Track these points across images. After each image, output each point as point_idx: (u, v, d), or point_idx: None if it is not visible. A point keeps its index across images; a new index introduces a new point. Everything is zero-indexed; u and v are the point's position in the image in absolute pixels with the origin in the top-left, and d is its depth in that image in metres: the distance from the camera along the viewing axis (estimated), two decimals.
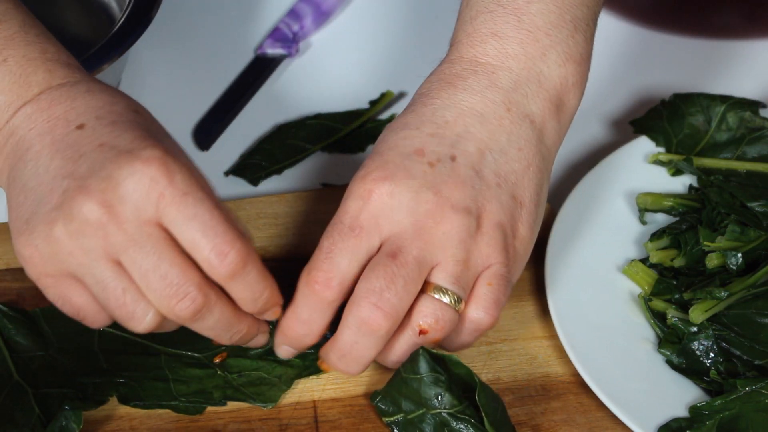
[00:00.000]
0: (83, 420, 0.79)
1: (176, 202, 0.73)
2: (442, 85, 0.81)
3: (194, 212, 0.73)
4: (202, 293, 0.74)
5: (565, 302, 0.87)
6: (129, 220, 0.73)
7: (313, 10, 1.11)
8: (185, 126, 1.04)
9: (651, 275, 0.89)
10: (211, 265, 0.74)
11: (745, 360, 0.84)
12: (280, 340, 0.81)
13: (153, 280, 0.73)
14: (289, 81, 1.08)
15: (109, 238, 0.73)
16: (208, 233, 0.73)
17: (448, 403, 0.79)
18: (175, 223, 0.73)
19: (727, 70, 1.08)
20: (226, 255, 0.74)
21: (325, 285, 0.77)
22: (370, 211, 0.77)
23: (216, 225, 0.74)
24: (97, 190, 0.73)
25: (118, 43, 0.97)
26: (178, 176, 0.73)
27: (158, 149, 0.74)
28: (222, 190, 0.98)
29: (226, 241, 0.74)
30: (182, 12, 1.13)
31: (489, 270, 0.78)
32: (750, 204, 0.91)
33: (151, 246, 0.73)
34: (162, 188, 0.73)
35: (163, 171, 0.73)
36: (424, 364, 0.79)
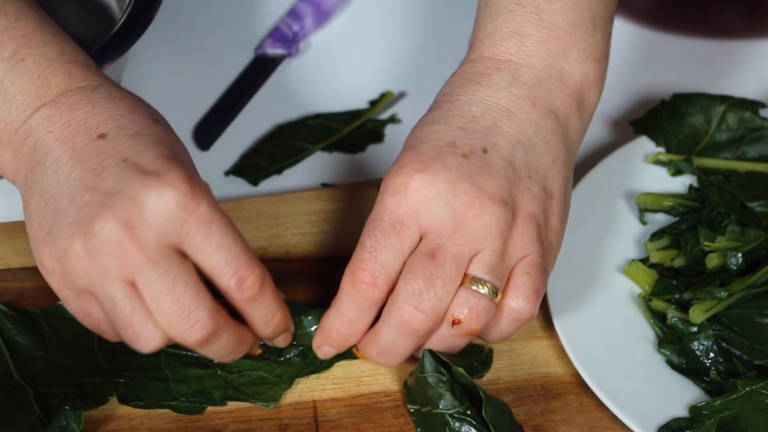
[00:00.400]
0: (83, 420, 0.79)
1: (202, 230, 0.74)
2: (465, 83, 0.82)
3: (219, 241, 0.74)
4: (213, 320, 0.74)
5: (565, 302, 0.87)
6: (150, 242, 0.73)
7: (313, 10, 1.11)
8: (185, 126, 1.04)
9: (651, 275, 0.89)
10: (232, 290, 0.75)
11: (745, 360, 0.84)
12: (322, 341, 0.81)
13: (165, 303, 0.73)
14: (289, 81, 1.08)
15: (127, 258, 0.73)
16: (232, 261, 0.75)
17: (449, 404, 0.79)
18: (199, 250, 0.74)
19: (727, 70, 1.08)
20: (246, 280, 0.75)
21: (372, 284, 0.77)
22: (409, 205, 0.77)
23: (239, 253, 0.75)
24: (121, 210, 0.72)
25: (118, 43, 0.97)
26: (204, 203, 0.74)
27: (184, 172, 0.74)
28: (222, 190, 0.98)
29: (247, 266, 0.75)
30: (182, 12, 1.13)
31: (525, 260, 0.78)
32: (750, 204, 0.91)
33: (167, 268, 0.73)
34: (188, 214, 0.73)
35: (190, 197, 0.73)
36: (429, 364, 0.79)
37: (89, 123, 0.76)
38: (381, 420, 0.82)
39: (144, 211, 0.72)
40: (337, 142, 1.02)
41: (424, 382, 0.80)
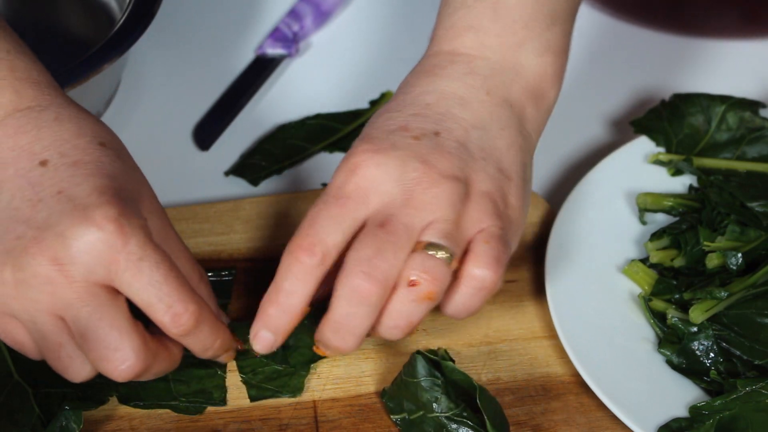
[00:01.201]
0: (83, 420, 0.79)
1: (131, 268, 0.73)
2: (421, 76, 0.82)
3: (150, 278, 0.73)
4: (139, 359, 0.74)
5: (565, 302, 0.87)
6: (78, 280, 0.73)
7: (313, 10, 1.11)
8: (185, 126, 1.04)
9: (651, 275, 0.89)
10: (166, 327, 0.75)
11: (745, 360, 0.84)
12: (259, 325, 0.77)
13: (90, 341, 0.73)
14: (289, 81, 1.08)
15: (55, 295, 0.73)
16: (164, 298, 0.74)
17: (444, 406, 0.79)
18: (130, 287, 0.74)
19: (727, 70, 1.08)
20: (181, 316, 0.74)
21: (308, 251, 0.75)
22: (357, 182, 0.76)
23: (171, 290, 0.74)
24: (49, 246, 0.72)
25: (118, 43, 0.97)
26: (133, 240, 0.73)
27: (114, 208, 0.73)
28: (222, 190, 0.99)
29: (181, 302, 0.74)
30: (182, 12, 1.13)
31: (484, 231, 0.77)
32: (750, 204, 0.91)
33: (94, 306, 0.73)
34: (115, 253, 0.73)
35: (118, 234, 0.73)
36: (422, 368, 0.79)
37: (33, 148, 0.75)
38: (381, 420, 0.82)
39: (71, 249, 0.72)
40: (337, 142, 1.02)
41: (417, 387, 0.79)
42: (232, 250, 0.92)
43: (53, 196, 0.74)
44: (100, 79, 0.96)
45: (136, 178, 0.78)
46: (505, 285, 0.90)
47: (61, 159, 0.75)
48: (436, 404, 0.79)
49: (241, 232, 0.93)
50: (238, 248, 0.92)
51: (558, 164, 1.00)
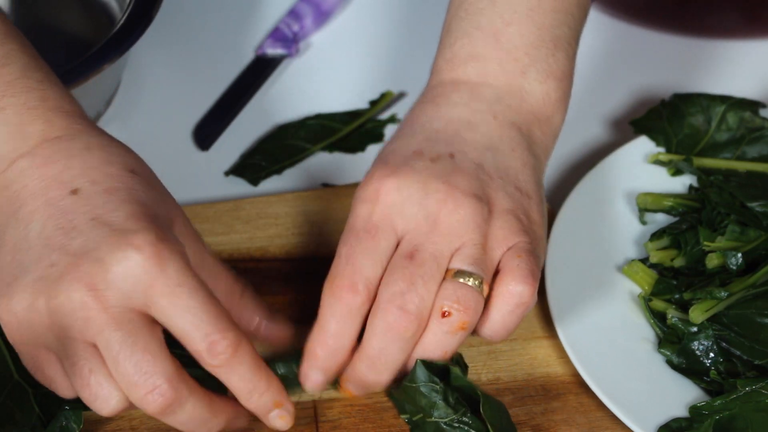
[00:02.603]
0: (83, 420, 0.79)
1: (167, 294, 0.71)
2: (425, 106, 0.82)
3: (187, 304, 0.71)
4: (172, 387, 0.71)
5: (565, 302, 0.87)
6: (114, 305, 0.71)
7: (313, 10, 1.11)
8: (185, 126, 1.04)
9: (651, 275, 0.89)
10: (203, 355, 0.72)
11: (745, 360, 0.84)
12: (309, 365, 0.77)
13: (123, 366, 0.71)
14: (289, 81, 1.08)
15: (89, 321, 0.71)
16: (201, 325, 0.72)
17: (443, 412, 0.79)
18: (166, 314, 0.72)
19: (727, 70, 1.08)
20: (217, 344, 0.72)
21: (352, 290, 0.75)
22: (382, 210, 0.77)
23: (209, 317, 0.72)
24: (87, 272, 0.71)
25: (118, 43, 0.97)
26: (171, 266, 0.71)
27: (152, 233, 0.72)
28: (222, 190, 0.98)
29: (219, 330, 0.72)
30: (182, 12, 1.13)
31: (513, 248, 0.77)
32: (750, 204, 0.91)
33: (128, 331, 0.71)
34: (153, 278, 0.71)
35: (156, 260, 0.71)
36: (421, 374, 0.79)
37: (63, 177, 0.74)
38: (381, 420, 0.82)
39: (109, 274, 0.71)
40: (337, 142, 1.02)
41: (416, 392, 0.79)
42: (232, 250, 0.92)
43: (87, 223, 0.72)
44: (100, 79, 0.96)
45: (168, 204, 0.77)
46: None
47: (93, 187, 0.74)
48: (434, 410, 0.79)
49: (241, 232, 0.93)
50: (238, 248, 0.92)
51: (558, 164, 1.00)
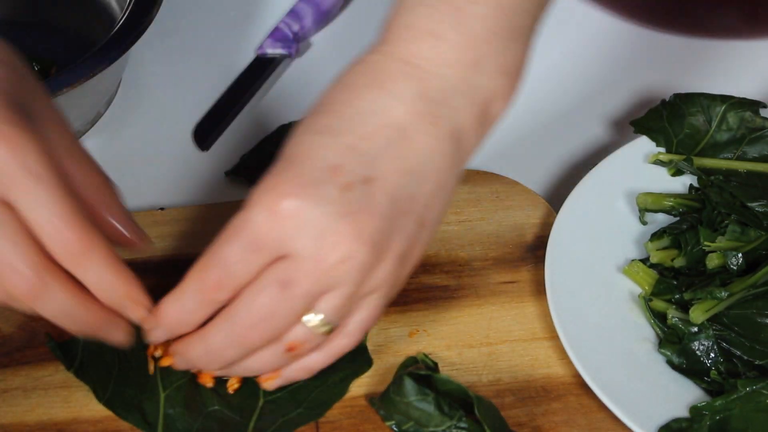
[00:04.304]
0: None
1: (25, 185, 0.71)
2: (368, 83, 0.77)
3: (44, 200, 0.71)
4: (37, 274, 0.72)
5: (565, 302, 0.87)
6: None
7: (313, 10, 1.11)
8: (185, 126, 1.04)
9: (651, 275, 0.89)
10: (54, 249, 0.72)
11: (745, 360, 0.84)
12: (156, 323, 0.77)
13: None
14: (289, 81, 1.08)
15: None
16: (54, 221, 0.71)
17: (438, 421, 0.79)
18: (21, 204, 0.71)
19: (727, 70, 1.08)
20: (71, 242, 0.72)
21: (218, 288, 0.75)
22: (275, 229, 0.73)
23: (63, 212, 0.71)
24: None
25: (118, 43, 0.97)
26: (30, 156, 0.71)
27: (12, 123, 0.71)
28: (222, 190, 0.99)
29: (71, 226, 0.72)
30: (182, 12, 1.13)
31: (370, 297, 0.77)
32: (750, 204, 0.91)
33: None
34: (12, 169, 0.70)
35: (15, 150, 0.70)
36: (410, 388, 0.79)
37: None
38: (381, 420, 0.82)
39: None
40: None
41: (409, 406, 0.80)
42: None
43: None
44: (100, 79, 0.96)
45: (35, 93, 0.75)
46: (505, 286, 0.90)
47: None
48: (430, 420, 0.79)
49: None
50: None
51: (558, 164, 1.00)
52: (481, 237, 0.93)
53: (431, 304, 0.89)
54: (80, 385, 0.84)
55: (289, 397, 0.83)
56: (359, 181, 0.74)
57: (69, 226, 0.72)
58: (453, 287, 0.90)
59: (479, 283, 0.90)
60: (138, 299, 0.76)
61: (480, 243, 0.93)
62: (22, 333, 0.87)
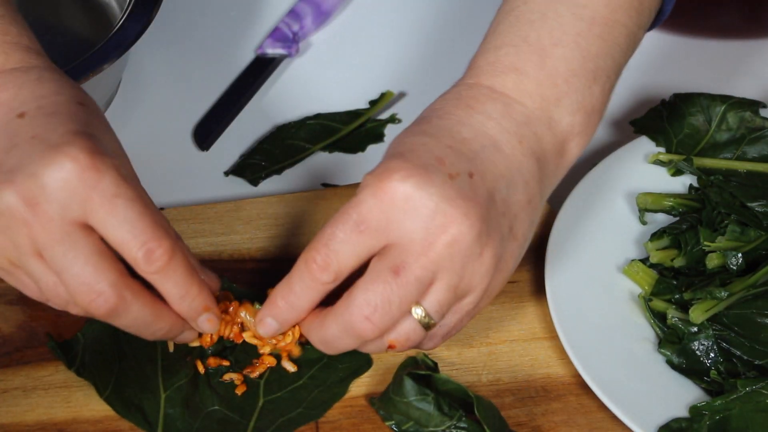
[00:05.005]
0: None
1: (105, 205, 0.73)
2: (458, 104, 0.80)
3: (124, 215, 0.73)
4: (116, 292, 0.74)
5: (565, 302, 0.87)
6: (53, 218, 0.73)
7: (313, 10, 1.11)
8: (185, 126, 1.04)
9: (651, 275, 0.89)
10: (140, 263, 0.74)
11: (745, 360, 0.84)
12: (267, 312, 0.79)
13: (68, 279, 0.74)
14: (289, 81, 1.08)
15: (32, 236, 0.73)
16: (138, 235, 0.74)
17: (438, 421, 0.79)
18: (104, 225, 0.73)
19: (727, 70, 1.08)
20: (153, 252, 0.74)
21: (324, 269, 0.76)
22: (383, 211, 0.75)
23: (145, 226, 0.74)
24: (22, 186, 0.72)
25: (118, 43, 0.97)
26: (107, 176, 0.73)
27: (88, 145, 0.73)
28: (222, 190, 0.99)
29: (154, 239, 0.74)
30: (182, 12, 1.13)
31: (464, 302, 0.78)
32: (750, 204, 0.91)
33: (69, 244, 0.73)
34: (89, 189, 0.73)
35: (92, 170, 0.73)
36: (410, 388, 0.79)
37: (12, 103, 0.76)
38: (381, 420, 0.82)
39: (45, 187, 0.72)
40: (337, 142, 1.02)
41: (409, 406, 0.80)
42: (233, 251, 0.92)
43: (27, 141, 0.74)
44: (100, 79, 0.96)
45: (110, 135, 0.78)
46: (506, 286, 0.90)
47: (39, 111, 0.76)
48: (429, 420, 0.79)
49: (241, 233, 0.93)
50: (239, 249, 0.92)
51: None
52: None
53: None
54: (80, 385, 0.84)
55: (289, 397, 0.83)
56: (463, 174, 0.76)
57: (152, 237, 0.74)
58: None
59: None
60: (208, 306, 0.79)
61: None
62: (22, 333, 0.87)
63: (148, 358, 0.85)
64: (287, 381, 0.84)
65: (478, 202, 0.76)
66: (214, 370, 0.84)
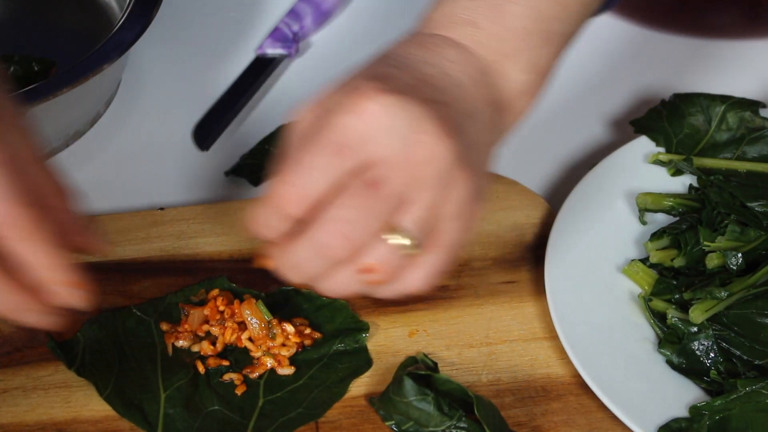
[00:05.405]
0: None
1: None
2: (419, 47, 0.78)
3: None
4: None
5: (565, 302, 0.87)
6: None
7: (313, 10, 1.11)
8: (185, 126, 1.04)
9: (651, 275, 0.89)
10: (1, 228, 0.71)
11: (745, 360, 0.84)
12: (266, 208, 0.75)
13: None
14: (289, 81, 1.08)
15: None
16: None
17: (438, 421, 0.79)
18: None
19: (727, 70, 1.08)
20: (15, 214, 0.70)
21: (295, 204, 0.72)
22: (363, 130, 0.72)
23: (9, 192, 0.71)
24: None
25: (118, 43, 0.97)
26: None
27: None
28: (222, 191, 0.99)
29: (19, 205, 0.70)
30: (182, 12, 1.13)
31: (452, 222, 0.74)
32: (750, 204, 0.91)
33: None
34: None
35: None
36: (410, 388, 0.79)
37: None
38: (381, 420, 0.82)
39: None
40: None
41: (409, 406, 0.80)
42: (233, 251, 0.92)
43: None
44: (100, 79, 0.96)
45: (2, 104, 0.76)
46: (505, 286, 0.90)
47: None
48: (430, 420, 0.79)
49: (241, 233, 0.93)
50: (239, 249, 0.92)
51: (558, 164, 1.00)
52: (480, 237, 0.93)
53: (431, 304, 0.89)
54: (80, 385, 0.84)
55: (288, 397, 0.83)
56: (439, 101, 0.74)
57: (15, 205, 0.71)
58: (453, 287, 0.90)
59: (479, 283, 0.90)
60: (70, 281, 0.73)
61: (480, 243, 0.93)
62: (22, 333, 0.87)
63: (148, 358, 0.85)
64: (287, 381, 0.84)
65: (454, 128, 0.74)
66: (214, 370, 0.84)
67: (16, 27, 1.08)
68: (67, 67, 0.95)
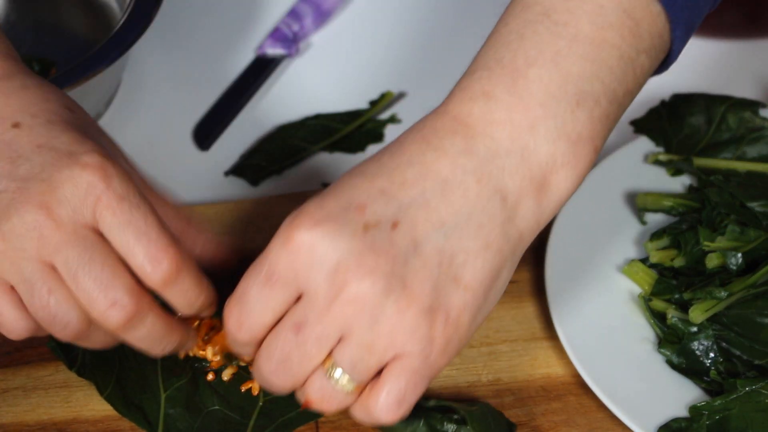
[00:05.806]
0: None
1: (112, 207, 0.73)
2: (416, 138, 0.73)
3: (129, 218, 0.73)
4: (133, 300, 0.73)
5: (565, 302, 0.87)
6: (65, 222, 0.72)
7: (313, 10, 1.11)
8: (185, 126, 1.04)
9: (651, 275, 0.89)
10: (144, 271, 0.73)
11: (745, 360, 0.84)
12: None
13: (83, 280, 0.72)
14: (289, 81, 1.08)
15: (44, 239, 0.72)
16: (142, 239, 0.73)
17: None
18: (111, 227, 0.73)
19: (727, 70, 1.08)
20: (160, 262, 0.73)
21: (238, 327, 0.73)
22: (290, 262, 0.71)
23: (150, 231, 0.73)
24: (36, 192, 0.72)
25: (118, 43, 0.97)
26: (116, 180, 0.73)
27: (96, 152, 0.74)
28: (222, 190, 0.99)
29: (160, 247, 0.73)
30: (182, 12, 1.13)
31: (401, 361, 0.71)
32: (750, 204, 0.91)
33: (84, 247, 0.72)
34: (99, 192, 0.72)
35: (101, 175, 0.73)
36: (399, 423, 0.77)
37: (3, 113, 0.76)
38: None
39: (57, 192, 0.72)
40: (337, 142, 1.02)
41: None
42: None
43: (33, 150, 0.74)
44: (100, 79, 0.96)
45: (105, 137, 0.79)
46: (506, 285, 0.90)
47: (34, 119, 0.75)
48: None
49: (241, 233, 0.93)
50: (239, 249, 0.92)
51: None
52: None
53: None
54: (80, 385, 0.84)
55: (289, 397, 0.83)
56: (384, 224, 0.71)
57: (161, 248, 0.73)
58: None
59: None
60: (212, 302, 0.77)
61: None
62: None
63: (148, 358, 0.85)
64: None
65: (392, 256, 0.70)
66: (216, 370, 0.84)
67: (17, 27, 1.08)
68: (67, 67, 0.95)
